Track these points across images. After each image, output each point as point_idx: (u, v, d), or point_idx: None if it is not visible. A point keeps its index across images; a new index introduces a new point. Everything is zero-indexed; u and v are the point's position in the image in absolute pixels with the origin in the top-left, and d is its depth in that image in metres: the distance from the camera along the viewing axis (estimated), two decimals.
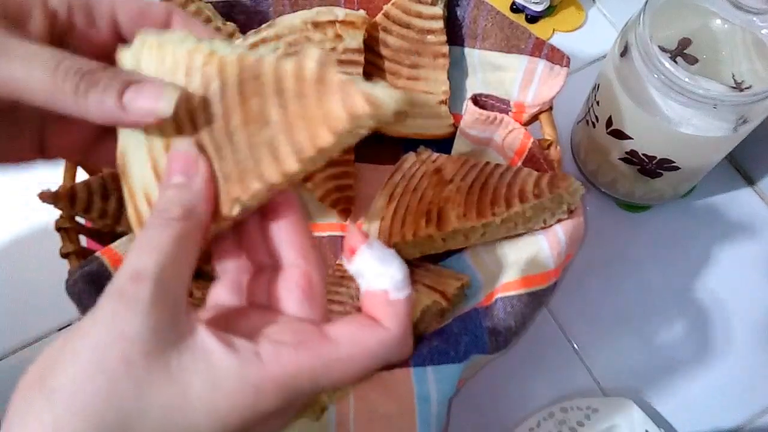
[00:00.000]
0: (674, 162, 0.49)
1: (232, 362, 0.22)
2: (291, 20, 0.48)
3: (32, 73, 0.25)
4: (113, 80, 0.26)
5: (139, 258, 0.23)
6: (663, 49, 0.43)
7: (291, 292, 0.26)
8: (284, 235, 0.27)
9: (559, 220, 0.44)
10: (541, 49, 0.49)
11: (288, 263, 0.27)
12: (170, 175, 0.25)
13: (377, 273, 0.26)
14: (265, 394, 0.23)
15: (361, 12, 0.50)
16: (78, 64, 0.26)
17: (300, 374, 0.23)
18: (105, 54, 0.28)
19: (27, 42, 0.26)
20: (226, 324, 0.25)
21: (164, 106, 0.25)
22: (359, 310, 0.27)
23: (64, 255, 0.43)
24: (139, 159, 0.28)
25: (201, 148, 0.26)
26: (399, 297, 0.25)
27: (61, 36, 0.28)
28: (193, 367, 0.22)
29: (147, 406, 0.21)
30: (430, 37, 0.51)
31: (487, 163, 0.49)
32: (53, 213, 0.44)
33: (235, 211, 0.25)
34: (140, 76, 0.27)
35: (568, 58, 0.48)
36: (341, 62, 0.50)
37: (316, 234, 0.53)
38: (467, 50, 0.52)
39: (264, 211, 0.27)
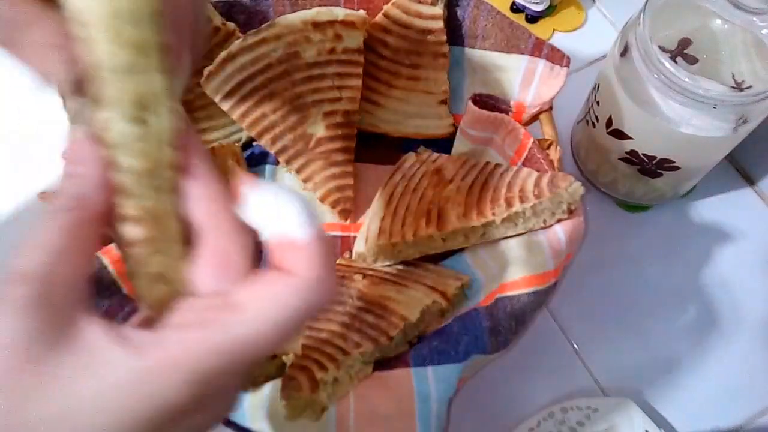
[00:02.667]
0: (674, 162, 0.49)
1: (118, 353, 0.20)
2: (291, 20, 0.48)
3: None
4: None
5: (21, 256, 0.21)
6: (663, 49, 0.43)
7: (203, 269, 0.23)
8: (191, 201, 0.23)
9: (559, 220, 0.44)
10: (541, 49, 0.49)
11: (199, 234, 0.23)
12: (63, 165, 0.24)
13: (274, 216, 0.22)
14: (165, 382, 0.20)
15: (361, 12, 0.50)
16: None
17: (208, 354, 0.21)
18: None
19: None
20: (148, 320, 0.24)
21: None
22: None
23: None
24: None
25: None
26: (303, 238, 0.22)
27: None
28: (76, 367, 0.20)
29: (32, 418, 0.19)
30: (430, 37, 0.51)
31: (487, 163, 0.49)
32: None
33: None
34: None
35: (568, 58, 0.48)
36: (341, 62, 0.50)
37: None
38: (467, 50, 0.52)
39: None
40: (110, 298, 0.41)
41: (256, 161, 0.54)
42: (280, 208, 0.22)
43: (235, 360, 0.21)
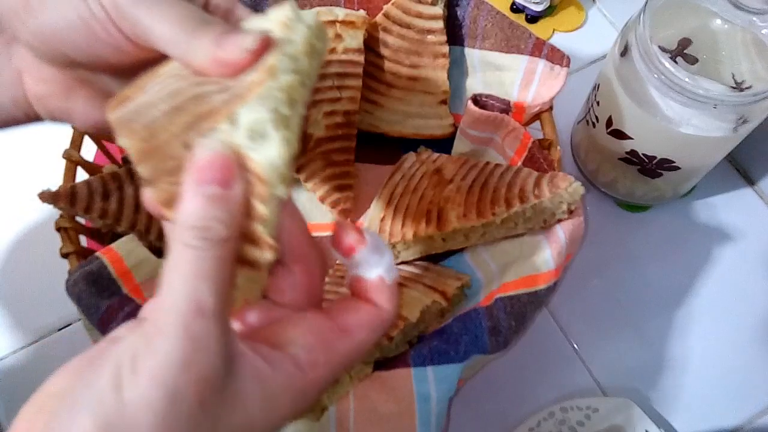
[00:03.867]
0: (674, 162, 0.49)
1: (280, 379, 0.24)
2: None
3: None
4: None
5: (197, 288, 0.22)
6: (663, 49, 0.43)
7: (294, 289, 0.27)
8: (284, 234, 0.27)
9: (559, 220, 0.44)
10: (541, 49, 0.49)
11: (289, 260, 0.27)
12: (203, 182, 0.23)
13: (373, 263, 0.28)
14: (308, 397, 0.25)
15: (361, 12, 0.50)
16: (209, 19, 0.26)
17: (331, 373, 0.26)
18: None
19: None
20: (249, 331, 0.26)
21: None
22: None
23: (64, 255, 0.43)
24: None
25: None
26: (392, 279, 0.28)
27: None
28: (251, 391, 0.23)
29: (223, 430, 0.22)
30: (430, 37, 0.51)
31: (487, 163, 0.49)
32: (53, 213, 0.44)
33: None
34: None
35: (568, 58, 0.48)
36: (341, 62, 0.50)
37: (316, 234, 0.52)
38: (467, 50, 0.52)
39: None
40: (110, 298, 0.41)
41: None
42: (380, 255, 0.28)
43: (338, 373, 0.26)
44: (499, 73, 0.51)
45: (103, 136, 0.51)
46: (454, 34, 0.51)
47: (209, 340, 0.22)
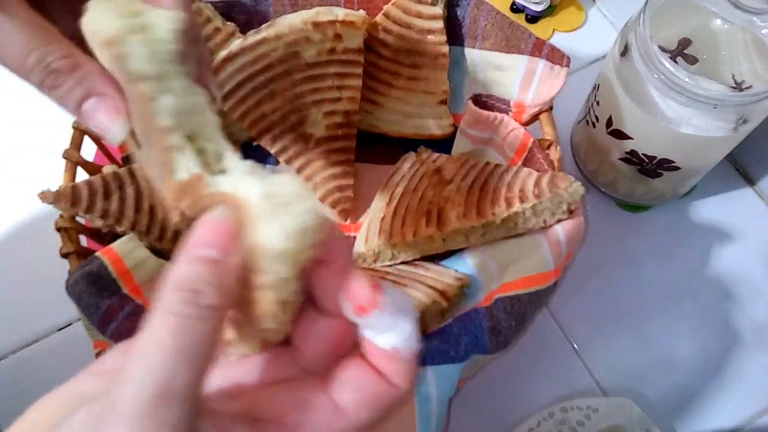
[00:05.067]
0: (674, 162, 0.49)
1: None
2: (291, 20, 0.48)
3: (5, 47, 0.26)
4: (74, 89, 0.27)
5: (172, 366, 0.19)
6: (663, 49, 0.43)
7: (321, 340, 0.24)
8: (326, 282, 0.24)
9: (559, 220, 0.44)
10: (541, 49, 0.49)
11: (325, 310, 0.24)
12: (199, 245, 0.22)
13: (387, 328, 0.23)
14: None
15: (361, 12, 0.50)
16: (47, 57, 0.26)
17: None
18: None
19: (16, 6, 0.26)
20: (236, 390, 0.24)
21: (114, 134, 0.27)
22: None
23: (64, 255, 0.43)
24: None
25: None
26: (409, 352, 0.23)
27: None
28: None
29: None
30: (430, 37, 0.50)
31: (487, 163, 0.49)
32: (53, 213, 0.44)
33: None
34: (105, 86, 0.27)
35: (568, 58, 0.48)
36: (341, 62, 0.50)
37: None
38: (467, 50, 0.52)
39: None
40: (110, 298, 0.41)
41: (256, 161, 0.54)
42: (397, 320, 0.23)
43: None
44: (499, 73, 0.51)
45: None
46: (454, 34, 0.51)
47: (165, 429, 0.19)
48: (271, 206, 0.22)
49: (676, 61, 0.43)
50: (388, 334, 0.23)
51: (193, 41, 0.28)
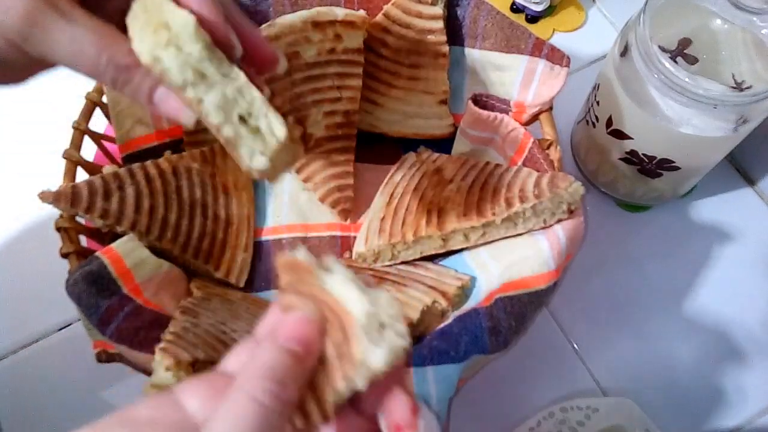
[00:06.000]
0: (674, 162, 0.49)
1: None
2: (291, 20, 0.48)
3: (79, 54, 0.29)
4: (143, 82, 0.30)
5: None
6: (663, 49, 0.43)
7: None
8: (373, 388, 0.26)
9: (559, 220, 0.44)
10: (541, 49, 0.49)
11: (361, 410, 0.26)
12: (291, 339, 0.24)
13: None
14: None
15: (361, 12, 0.50)
16: (115, 56, 0.29)
17: None
18: None
19: (79, 16, 0.29)
20: None
21: (187, 116, 0.31)
22: None
23: (64, 255, 0.43)
24: None
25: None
26: None
27: None
28: None
29: None
30: (431, 37, 0.50)
31: (487, 163, 0.49)
32: (53, 213, 0.44)
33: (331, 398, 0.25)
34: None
35: (568, 58, 0.48)
36: (341, 62, 0.50)
37: (316, 234, 0.53)
38: (467, 50, 0.52)
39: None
40: (110, 297, 0.41)
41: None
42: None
43: None
44: (499, 73, 0.51)
45: (102, 136, 0.51)
46: (454, 34, 0.51)
47: None
48: (376, 327, 0.24)
49: (676, 61, 0.43)
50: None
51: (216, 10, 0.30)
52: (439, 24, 0.50)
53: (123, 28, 0.34)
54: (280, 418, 0.22)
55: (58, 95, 0.51)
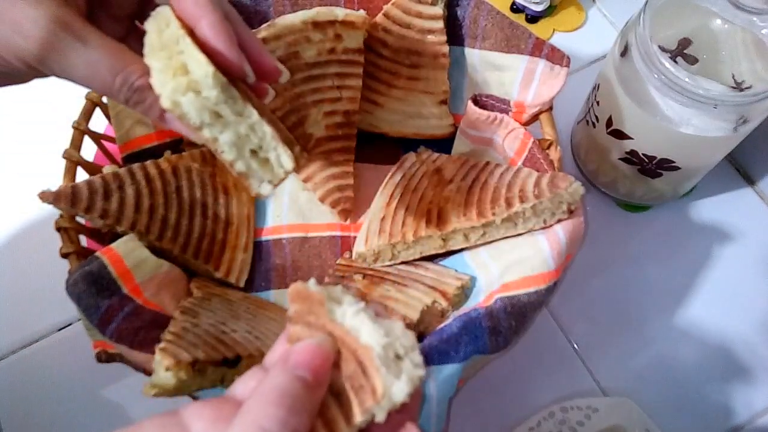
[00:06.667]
0: (674, 162, 0.49)
1: None
2: (291, 20, 0.48)
3: (94, 76, 0.30)
4: (156, 102, 0.31)
5: None
6: (663, 49, 0.43)
7: None
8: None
9: (559, 220, 0.44)
10: (541, 49, 0.49)
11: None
12: (302, 366, 0.24)
13: None
14: None
15: (361, 12, 0.50)
16: (129, 78, 0.31)
17: None
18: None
19: (94, 39, 0.30)
20: None
21: (197, 137, 0.32)
22: None
23: (64, 255, 0.43)
24: None
25: None
26: None
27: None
28: None
29: None
30: (431, 37, 0.50)
31: (487, 163, 0.49)
32: (53, 213, 0.44)
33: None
34: None
35: (568, 58, 0.48)
36: (341, 62, 0.50)
37: (316, 234, 0.53)
38: (467, 50, 0.52)
39: None
40: (110, 297, 0.41)
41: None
42: None
43: None
44: (499, 73, 0.51)
45: (102, 136, 0.51)
46: (454, 34, 0.51)
47: None
48: (393, 358, 0.25)
49: (676, 61, 0.43)
50: None
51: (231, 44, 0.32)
52: (439, 24, 0.50)
53: (129, 30, 0.35)
54: None
55: (58, 95, 0.51)
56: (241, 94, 0.32)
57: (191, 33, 0.31)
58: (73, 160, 0.47)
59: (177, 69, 0.30)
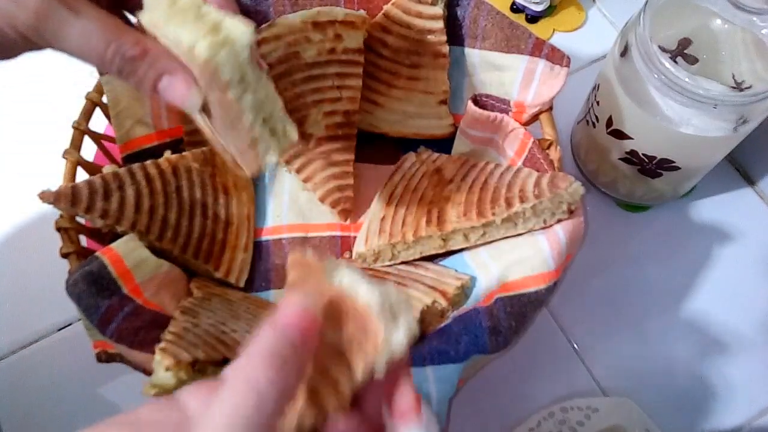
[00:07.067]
0: (674, 162, 0.49)
1: None
2: (291, 20, 0.48)
3: (87, 47, 0.31)
4: (149, 71, 0.31)
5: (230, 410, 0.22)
6: (663, 49, 0.43)
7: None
8: (387, 395, 0.27)
9: (559, 220, 0.44)
10: (541, 49, 0.49)
11: (362, 409, 0.27)
12: (287, 326, 0.24)
13: None
14: None
15: (361, 12, 0.50)
16: (122, 47, 0.31)
17: None
18: None
19: (87, 10, 0.31)
20: None
21: (192, 104, 0.32)
22: None
23: (64, 255, 0.43)
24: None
25: None
26: None
27: None
28: None
29: None
30: (431, 37, 0.50)
31: (487, 163, 0.49)
32: (53, 213, 0.44)
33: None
34: (173, 64, 0.32)
35: (568, 58, 0.48)
36: (341, 62, 0.50)
37: (316, 234, 0.53)
38: (467, 50, 0.52)
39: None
40: (110, 297, 0.41)
41: None
42: None
43: None
44: (499, 73, 0.51)
45: (102, 136, 0.51)
46: (454, 34, 0.51)
47: None
48: (391, 314, 0.26)
49: (676, 61, 0.43)
50: None
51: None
52: (439, 24, 0.50)
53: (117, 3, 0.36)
54: (275, 404, 0.23)
55: (58, 95, 0.51)
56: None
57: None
58: (73, 160, 0.47)
59: (209, 29, 0.30)
